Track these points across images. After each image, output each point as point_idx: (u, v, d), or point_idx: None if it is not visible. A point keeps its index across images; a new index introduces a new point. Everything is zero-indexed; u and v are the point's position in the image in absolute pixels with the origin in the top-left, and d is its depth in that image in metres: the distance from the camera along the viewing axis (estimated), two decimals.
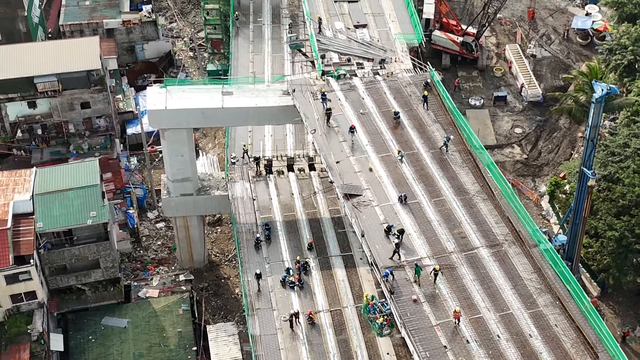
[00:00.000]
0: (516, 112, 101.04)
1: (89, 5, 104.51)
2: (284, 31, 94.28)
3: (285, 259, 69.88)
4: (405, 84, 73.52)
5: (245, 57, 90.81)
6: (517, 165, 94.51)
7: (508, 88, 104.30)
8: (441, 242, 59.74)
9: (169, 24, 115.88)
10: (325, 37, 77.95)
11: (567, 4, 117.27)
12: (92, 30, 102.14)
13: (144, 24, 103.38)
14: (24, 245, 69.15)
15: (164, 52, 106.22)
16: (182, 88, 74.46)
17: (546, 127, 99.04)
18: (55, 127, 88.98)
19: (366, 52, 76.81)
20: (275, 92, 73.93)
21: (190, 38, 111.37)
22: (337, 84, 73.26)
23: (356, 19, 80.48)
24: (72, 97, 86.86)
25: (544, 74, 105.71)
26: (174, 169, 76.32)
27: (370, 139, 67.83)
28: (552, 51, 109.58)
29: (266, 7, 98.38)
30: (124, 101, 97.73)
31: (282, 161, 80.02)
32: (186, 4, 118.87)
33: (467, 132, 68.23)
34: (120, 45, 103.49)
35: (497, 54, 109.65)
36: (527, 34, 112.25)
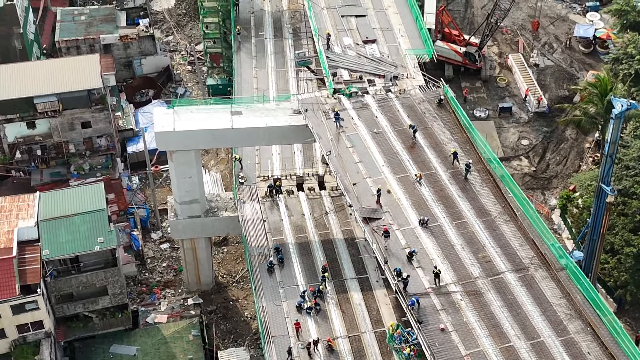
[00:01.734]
0: (522, 123, 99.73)
1: (85, 20, 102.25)
2: (287, 45, 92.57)
3: (299, 283, 68.07)
4: (419, 101, 71.95)
5: (249, 73, 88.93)
6: (525, 178, 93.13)
7: (512, 98, 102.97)
8: (466, 267, 58.16)
9: (166, 37, 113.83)
10: (334, 54, 76.22)
11: (568, 11, 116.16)
12: (89, 46, 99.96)
13: (142, 38, 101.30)
14: (30, 274, 67.24)
15: (162, 67, 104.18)
16: (190, 108, 72.59)
17: (553, 138, 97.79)
18: (55, 147, 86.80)
19: (377, 68, 75.20)
20: (285, 111, 72.19)
21: (190, 53, 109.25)
22: (349, 102, 71.62)
23: (365, 34, 78.84)
24: (72, 117, 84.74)
25: (548, 83, 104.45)
26: (181, 191, 74.42)
27: (386, 159, 66.20)
28: (555, 60, 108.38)
29: (268, 20, 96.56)
30: (124, 118, 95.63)
31: (292, 180, 78.22)
32: (182, 17, 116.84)
33: (484, 149, 66.72)
34: (117, 60, 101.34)
35: (500, 64, 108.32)
36: (529, 43, 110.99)
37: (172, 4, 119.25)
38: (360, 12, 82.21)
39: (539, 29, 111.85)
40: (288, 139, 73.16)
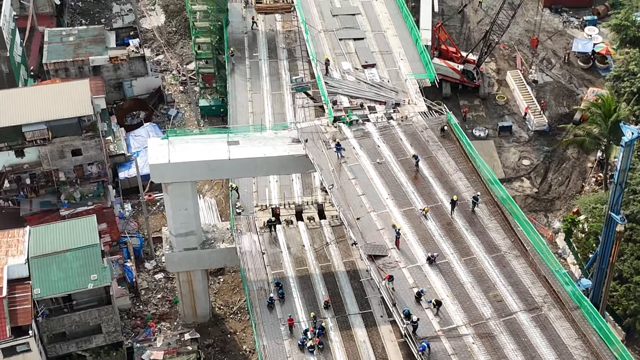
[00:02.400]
0: (522, 142, 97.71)
1: (73, 41, 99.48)
2: (282, 67, 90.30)
3: (301, 319, 65.73)
4: (421, 129, 69.70)
5: (244, 96, 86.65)
6: (527, 200, 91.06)
7: (512, 116, 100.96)
8: (477, 308, 55.90)
9: (156, 56, 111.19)
10: (333, 79, 73.87)
11: (566, 25, 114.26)
12: (78, 67, 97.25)
13: (132, 59, 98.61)
14: (22, 315, 64.76)
15: (154, 88, 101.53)
16: (185, 138, 70.13)
17: (554, 158, 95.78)
18: (44, 175, 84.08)
19: (377, 94, 72.88)
20: (283, 140, 69.84)
21: (182, 73, 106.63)
22: (349, 130, 69.32)
23: (364, 59, 76.47)
24: (62, 144, 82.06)
25: (547, 100, 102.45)
26: (177, 223, 71.95)
27: (390, 191, 63.87)
28: (554, 76, 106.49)
29: (262, 40, 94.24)
30: (115, 143, 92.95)
31: (290, 209, 75.88)
32: (173, 35, 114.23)
33: (491, 179, 64.57)
34: (107, 82, 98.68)
35: (498, 81, 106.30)
36: (527, 59, 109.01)
37: (162, 21, 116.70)
38: (358, 34, 79.82)
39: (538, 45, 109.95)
40: (287, 169, 70.83)
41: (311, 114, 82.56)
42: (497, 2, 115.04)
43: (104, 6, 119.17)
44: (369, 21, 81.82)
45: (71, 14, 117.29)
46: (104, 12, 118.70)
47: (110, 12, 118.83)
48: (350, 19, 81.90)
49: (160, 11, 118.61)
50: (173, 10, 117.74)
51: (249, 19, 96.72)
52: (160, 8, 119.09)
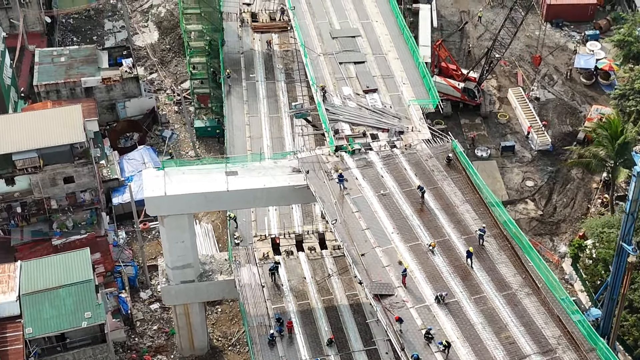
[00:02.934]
0: (525, 162, 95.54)
1: (65, 62, 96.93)
2: (279, 89, 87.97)
3: (304, 357, 63.38)
4: (426, 157, 67.42)
5: (240, 120, 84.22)
6: (532, 223, 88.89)
7: (514, 135, 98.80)
8: (488, 350, 53.59)
9: (149, 74, 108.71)
10: (333, 106, 71.52)
11: (567, 40, 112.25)
12: (70, 89, 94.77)
13: (125, 80, 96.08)
14: (13, 356, 62.57)
15: (148, 109, 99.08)
16: (182, 169, 67.74)
17: (559, 179, 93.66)
18: (35, 203, 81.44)
19: (379, 121, 70.57)
20: (283, 170, 67.53)
21: (176, 93, 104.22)
22: (352, 159, 66.98)
23: (365, 83, 74.11)
24: (54, 172, 79.46)
25: (550, 119, 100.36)
26: (173, 256, 69.57)
27: (395, 225, 61.54)
28: (556, 93, 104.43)
29: (258, 60, 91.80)
30: (108, 167, 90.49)
31: (290, 239, 73.54)
32: (166, 53, 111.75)
33: (498, 210, 62.38)
34: (100, 103, 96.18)
35: (500, 98, 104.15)
36: (528, 75, 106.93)
37: (156, 38, 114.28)
38: (359, 58, 77.46)
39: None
40: (288, 200, 68.61)
41: (310, 138, 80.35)
42: (497, 17, 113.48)
43: (95, 23, 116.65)
44: (369, 43, 79.47)
45: (62, 32, 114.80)
46: (95, 29, 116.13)
47: (102, 29, 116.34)
48: (350, 41, 79.56)
49: (153, 28, 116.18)
50: (166, 27, 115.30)
51: (245, 39, 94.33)
52: (154, 24, 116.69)
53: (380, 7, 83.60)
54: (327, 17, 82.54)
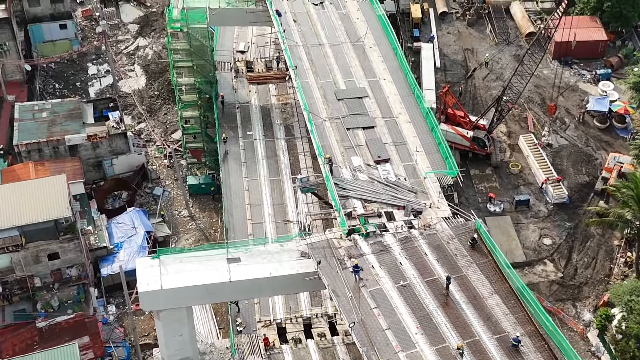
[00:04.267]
0: (541, 217, 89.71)
1: (47, 117, 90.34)
2: (279, 147, 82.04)
3: None
4: (447, 239, 61.38)
5: (239, 184, 78.33)
6: (552, 286, 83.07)
7: (528, 187, 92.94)
8: None
9: (137, 124, 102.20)
10: (342, 180, 65.35)
11: (577, 79, 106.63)
12: (53, 148, 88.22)
13: (113, 136, 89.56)
14: None
15: (137, 166, 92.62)
16: (178, 257, 61.41)
17: (577, 235, 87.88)
18: (18, 282, 75.00)
19: (394, 196, 64.46)
20: (291, 255, 61.36)
21: (166, 144, 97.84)
22: (366, 244, 60.83)
23: (376, 153, 67.94)
24: (37, 249, 73.06)
25: (565, 168, 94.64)
26: (170, 350, 63.26)
27: (419, 324, 55.43)
28: (569, 138, 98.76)
29: (256, 115, 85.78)
30: (95, 234, 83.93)
31: (298, 324, 67.37)
32: (155, 100, 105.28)
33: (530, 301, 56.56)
34: (85, 161, 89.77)
35: (510, 145, 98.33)
36: (538, 119, 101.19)
37: (143, 84, 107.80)
38: (368, 122, 71.29)
39: (547, 101, 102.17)
40: (296, 289, 62.73)
41: (315, 204, 74.42)
42: (502, 54, 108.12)
43: (79, 67, 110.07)
44: (378, 105, 73.31)
45: (43, 78, 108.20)
46: (79, 74, 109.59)
47: (86, 74, 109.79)
48: (358, 103, 73.39)
49: (140, 72, 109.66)
50: (154, 71, 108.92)
51: (240, 91, 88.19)
52: (140, 68, 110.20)
53: (387, 62, 77.49)
54: (331, 75, 76.33)
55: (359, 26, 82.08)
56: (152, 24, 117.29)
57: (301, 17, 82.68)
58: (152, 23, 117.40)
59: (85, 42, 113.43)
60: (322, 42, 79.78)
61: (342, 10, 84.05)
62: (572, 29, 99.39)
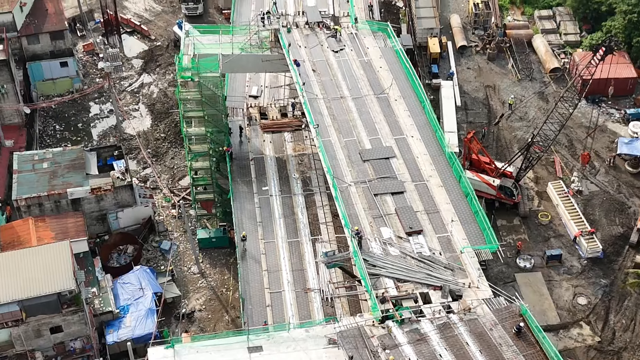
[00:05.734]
0: (574, 274, 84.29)
1: (48, 168, 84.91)
2: (297, 204, 76.67)
3: None
4: (490, 325, 56.00)
5: (255, 247, 72.92)
6: (590, 352, 77.59)
7: (559, 239, 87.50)
8: None
9: (142, 169, 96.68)
10: (372, 256, 59.91)
11: (606, 119, 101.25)
12: (54, 202, 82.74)
13: (118, 189, 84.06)
14: None
15: (143, 218, 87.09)
16: (194, 347, 56.00)
17: (614, 293, 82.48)
18: (18, 357, 69.52)
19: (429, 274, 59.03)
20: (317, 342, 56.08)
21: (174, 193, 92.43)
22: (401, 332, 55.39)
23: (407, 223, 62.49)
24: (39, 323, 67.57)
25: (597, 218, 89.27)
26: None
27: None
28: (600, 184, 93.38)
29: (271, 168, 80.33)
30: (100, 297, 78.25)
31: None
32: (161, 142, 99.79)
33: None
34: (89, 215, 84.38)
35: (538, 193, 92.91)
36: (566, 163, 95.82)
37: (148, 124, 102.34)
38: (396, 187, 65.85)
39: (575, 143, 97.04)
40: None
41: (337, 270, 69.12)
42: (525, 91, 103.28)
43: (80, 107, 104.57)
44: (407, 167, 67.88)
45: (43, 119, 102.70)
46: (80, 114, 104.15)
47: (88, 114, 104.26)
48: (385, 164, 67.94)
49: (145, 111, 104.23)
50: (160, 111, 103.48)
51: (254, 140, 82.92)
52: (145, 107, 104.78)
53: (414, 117, 72.15)
54: (354, 132, 70.92)
55: (383, 76, 76.72)
56: (156, 59, 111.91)
57: (320, 66, 77.33)
58: (156, 58, 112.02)
59: (87, 78, 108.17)
60: (344, 95, 74.34)
61: (364, 58, 78.71)
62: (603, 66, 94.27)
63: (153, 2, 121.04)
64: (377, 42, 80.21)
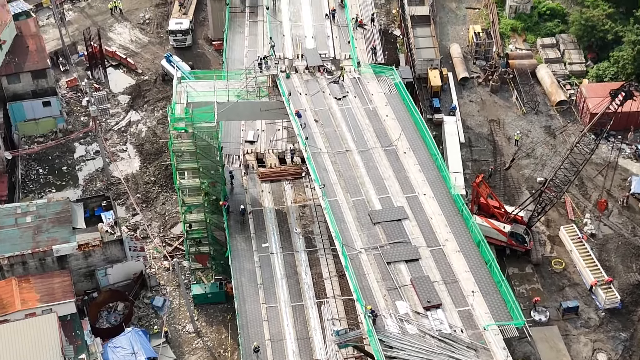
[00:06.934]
0: (592, 327, 79.81)
1: (32, 223, 79.64)
2: (301, 263, 71.75)
3: None
4: None
5: (256, 313, 68.04)
6: None
7: (574, 289, 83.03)
8: None
9: (132, 216, 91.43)
10: (389, 335, 55.01)
11: (616, 155, 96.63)
12: (39, 260, 77.44)
13: (107, 244, 78.84)
14: None
15: (134, 274, 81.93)
16: None
17: (634, 347, 78.05)
18: None
19: (451, 357, 54.16)
20: None
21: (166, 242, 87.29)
22: None
23: (425, 296, 57.57)
24: None
25: (613, 264, 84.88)
26: None
27: None
28: (614, 226, 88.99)
29: (271, 222, 75.39)
30: None
31: None
32: (151, 186, 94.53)
33: None
34: (76, 271, 79.12)
35: (550, 237, 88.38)
36: (577, 203, 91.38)
37: (137, 167, 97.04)
38: (411, 253, 60.83)
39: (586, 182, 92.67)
40: None
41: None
42: (531, 125, 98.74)
43: (65, 148, 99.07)
44: (420, 230, 62.87)
45: (26, 162, 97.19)
46: (65, 156, 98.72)
47: (73, 156, 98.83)
48: (397, 227, 62.95)
49: (133, 152, 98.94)
50: (149, 152, 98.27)
51: (252, 190, 78.03)
52: (133, 148, 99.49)
53: (426, 172, 67.29)
54: (362, 190, 65.95)
55: (390, 125, 71.90)
56: (144, 94, 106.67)
57: (323, 116, 72.42)
58: (144, 93, 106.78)
59: (72, 117, 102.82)
60: (350, 148, 69.44)
61: (369, 106, 73.82)
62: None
63: (139, 33, 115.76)
64: (381, 87, 75.32)
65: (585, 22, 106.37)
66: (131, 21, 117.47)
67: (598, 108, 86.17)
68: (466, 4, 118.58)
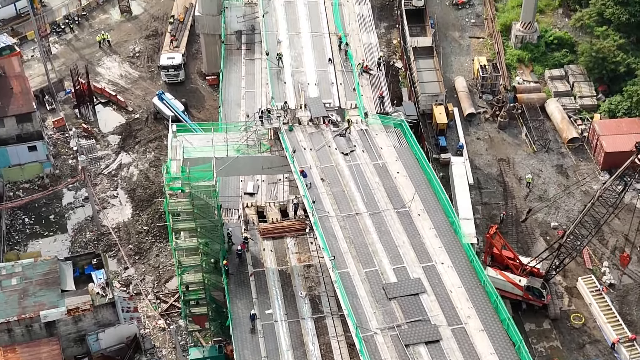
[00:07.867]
0: None
1: (17, 286, 74.60)
2: (308, 333, 66.56)
3: None
4: None
5: None
6: None
7: (595, 346, 78.42)
8: None
9: (124, 269, 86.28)
10: None
11: (633, 196, 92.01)
12: (25, 327, 72.37)
13: (98, 307, 73.72)
14: None
15: (128, 337, 76.75)
16: None
17: None
18: None
19: None
20: None
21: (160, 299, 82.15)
22: None
23: None
24: None
25: (635, 319, 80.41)
26: None
27: None
28: (633, 274, 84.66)
29: (274, 284, 70.41)
30: None
31: None
32: (144, 236, 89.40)
33: None
34: (65, 337, 74.06)
35: (567, 288, 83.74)
36: (594, 250, 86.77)
37: (129, 214, 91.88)
38: (431, 334, 54.98)
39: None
40: None
41: None
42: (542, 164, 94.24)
43: (52, 196, 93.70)
44: (440, 305, 57.95)
45: (11, 211, 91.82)
46: (52, 203, 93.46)
47: (61, 203, 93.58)
48: (414, 302, 58.00)
49: (124, 198, 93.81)
50: (141, 198, 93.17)
51: (252, 249, 73.17)
52: (125, 193, 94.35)
53: (442, 237, 62.42)
54: (375, 260, 61.01)
55: (401, 183, 66.98)
56: (135, 134, 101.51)
57: (329, 174, 67.48)
58: (135, 133, 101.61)
59: (59, 160, 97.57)
60: (360, 211, 64.49)
61: (378, 162, 68.90)
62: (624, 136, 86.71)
63: (129, 67, 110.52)
64: (391, 140, 70.40)
65: (595, 53, 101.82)
66: (120, 54, 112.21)
67: (612, 146, 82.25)
68: (470, 33, 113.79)
